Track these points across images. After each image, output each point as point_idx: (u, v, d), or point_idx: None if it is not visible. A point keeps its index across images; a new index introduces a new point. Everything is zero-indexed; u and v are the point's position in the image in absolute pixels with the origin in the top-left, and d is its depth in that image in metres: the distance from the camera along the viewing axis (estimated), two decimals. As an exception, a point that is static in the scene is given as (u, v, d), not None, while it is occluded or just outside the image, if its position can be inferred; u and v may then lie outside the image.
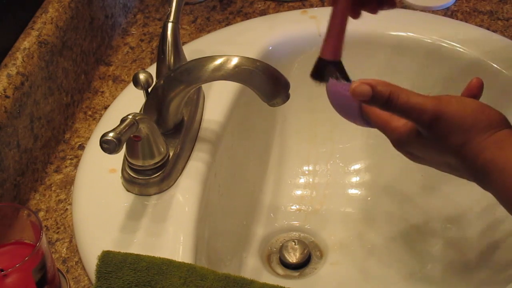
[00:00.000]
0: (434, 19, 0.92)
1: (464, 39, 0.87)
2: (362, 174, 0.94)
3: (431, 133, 0.55)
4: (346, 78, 0.67)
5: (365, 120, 0.63)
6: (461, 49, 0.87)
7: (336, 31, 0.68)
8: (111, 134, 0.59)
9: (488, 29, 0.90)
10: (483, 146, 0.53)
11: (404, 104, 0.54)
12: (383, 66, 0.91)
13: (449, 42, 0.87)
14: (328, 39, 0.68)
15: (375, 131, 0.94)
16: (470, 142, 0.54)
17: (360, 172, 0.95)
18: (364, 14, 0.96)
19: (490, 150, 0.53)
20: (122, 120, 0.62)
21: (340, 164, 0.95)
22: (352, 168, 0.95)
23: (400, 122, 0.59)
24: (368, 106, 0.59)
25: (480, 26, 0.91)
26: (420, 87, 0.91)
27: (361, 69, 0.92)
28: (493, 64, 0.84)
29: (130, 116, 0.63)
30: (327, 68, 0.67)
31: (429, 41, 0.88)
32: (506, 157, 0.53)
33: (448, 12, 0.94)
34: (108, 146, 0.60)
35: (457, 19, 0.93)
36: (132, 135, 0.64)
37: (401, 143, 0.59)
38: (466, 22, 0.92)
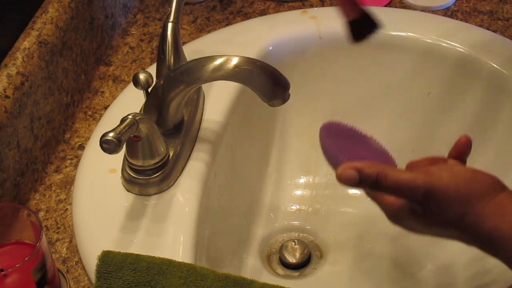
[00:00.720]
0: (434, 19, 0.92)
1: (464, 39, 0.87)
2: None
3: (426, 209, 0.54)
4: (375, 26, 0.68)
5: None
6: (461, 49, 0.87)
7: None
8: (111, 134, 0.59)
9: (488, 29, 0.90)
10: (483, 215, 0.52)
11: (394, 184, 0.52)
12: (383, 66, 0.91)
13: (449, 42, 0.87)
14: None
15: (375, 131, 0.95)
16: (468, 213, 0.52)
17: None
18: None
19: (491, 218, 0.52)
20: (122, 120, 0.62)
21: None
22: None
23: (392, 197, 0.56)
24: None
25: (480, 26, 0.91)
26: (420, 87, 0.91)
27: (361, 70, 0.92)
28: (493, 64, 0.84)
29: (130, 116, 0.63)
30: (360, 25, 0.67)
31: (429, 41, 0.88)
32: (510, 223, 0.51)
33: (448, 12, 0.94)
34: (108, 146, 0.60)
35: (457, 19, 0.93)
36: (132, 135, 0.64)
37: (396, 218, 0.57)
38: (466, 22, 0.92)
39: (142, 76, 0.69)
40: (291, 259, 0.85)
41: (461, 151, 0.58)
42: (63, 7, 0.78)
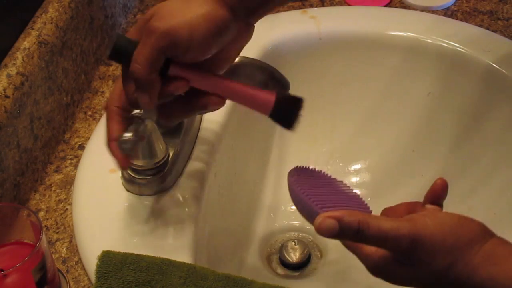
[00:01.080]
0: (434, 19, 0.92)
1: (464, 39, 0.87)
2: (362, 174, 0.94)
3: (411, 260, 0.51)
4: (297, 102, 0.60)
5: None
6: (461, 49, 0.87)
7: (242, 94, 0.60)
8: (128, 134, 0.60)
9: (488, 29, 0.90)
10: (474, 265, 0.50)
11: (377, 233, 0.49)
12: (383, 67, 0.91)
13: (449, 42, 0.87)
14: (252, 99, 0.59)
15: (375, 131, 0.95)
16: (457, 263, 0.50)
17: (360, 172, 0.95)
18: (365, 15, 0.96)
19: (484, 268, 0.50)
20: (129, 120, 0.62)
21: (340, 164, 0.95)
22: (352, 168, 0.95)
23: (372, 248, 0.53)
24: None
25: (480, 26, 0.91)
26: (420, 87, 0.91)
27: (361, 70, 0.92)
28: (493, 64, 0.84)
29: (136, 115, 0.63)
30: (283, 110, 0.60)
31: (429, 41, 0.88)
32: (503, 272, 0.49)
33: (448, 12, 0.94)
34: (128, 146, 0.60)
35: (457, 19, 0.93)
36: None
37: (378, 270, 0.53)
38: (466, 22, 0.92)
39: (142, 76, 0.69)
40: (291, 259, 0.85)
41: (438, 195, 0.56)
42: (63, 7, 0.78)
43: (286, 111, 0.59)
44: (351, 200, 0.59)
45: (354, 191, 0.60)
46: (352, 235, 0.50)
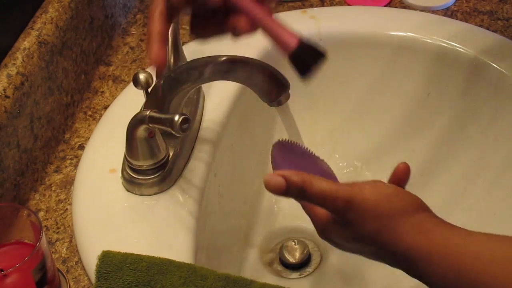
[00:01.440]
0: (434, 19, 0.92)
1: (464, 39, 0.87)
2: (362, 174, 0.94)
3: (345, 220, 0.53)
4: (319, 54, 0.61)
5: None
6: (461, 49, 0.87)
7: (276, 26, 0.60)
8: (182, 115, 0.61)
9: (488, 29, 0.90)
10: (402, 232, 0.52)
11: (317, 193, 0.53)
12: (383, 67, 0.91)
13: (449, 42, 0.87)
14: (278, 34, 0.60)
15: (375, 131, 0.95)
16: (386, 228, 0.52)
17: (360, 171, 0.95)
18: (365, 15, 0.96)
19: (410, 235, 0.51)
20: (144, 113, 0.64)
21: (340, 164, 0.95)
22: (352, 168, 0.95)
23: (322, 210, 0.56)
24: None
25: (480, 26, 0.91)
26: (420, 87, 0.91)
27: (360, 70, 0.93)
28: (493, 64, 0.84)
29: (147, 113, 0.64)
30: (302, 56, 0.61)
31: (429, 41, 0.88)
32: (429, 241, 0.51)
33: (448, 12, 0.94)
34: (189, 125, 0.61)
35: (457, 19, 0.93)
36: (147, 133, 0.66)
37: (323, 232, 0.57)
38: (466, 22, 0.92)
39: (142, 76, 0.69)
40: (291, 259, 0.85)
41: (400, 178, 0.57)
42: (63, 7, 0.78)
43: (306, 59, 0.60)
44: (325, 174, 0.61)
45: (332, 169, 0.63)
46: (296, 193, 0.53)
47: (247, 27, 0.60)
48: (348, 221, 0.53)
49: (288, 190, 0.52)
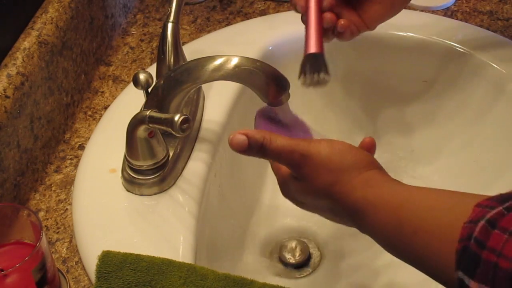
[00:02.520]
0: (434, 19, 0.92)
1: (464, 39, 0.87)
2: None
3: (301, 173, 0.56)
4: (326, 70, 0.67)
5: None
6: (460, 49, 0.87)
7: (315, 27, 0.67)
8: (182, 115, 0.61)
9: (488, 29, 0.90)
10: (352, 186, 0.54)
11: (276, 148, 0.56)
12: (383, 66, 0.91)
13: (449, 42, 0.87)
14: (309, 36, 0.67)
15: (375, 131, 0.95)
16: (338, 182, 0.54)
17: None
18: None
19: (359, 189, 0.53)
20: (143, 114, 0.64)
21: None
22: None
23: (284, 168, 0.59)
24: None
25: (480, 26, 0.91)
26: (420, 87, 0.91)
27: (360, 70, 0.93)
28: (493, 64, 0.84)
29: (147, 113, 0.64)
30: (316, 60, 0.67)
31: (429, 41, 0.88)
32: (376, 194, 0.53)
33: (448, 12, 0.94)
34: (189, 125, 0.62)
35: (457, 19, 0.93)
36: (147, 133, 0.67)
37: (285, 189, 0.60)
38: (466, 22, 0.92)
39: (142, 76, 0.69)
40: (291, 259, 0.85)
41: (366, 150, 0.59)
42: (63, 7, 0.78)
43: (312, 68, 0.66)
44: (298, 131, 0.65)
45: (311, 131, 0.66)
46: (257, 149, 0.56)
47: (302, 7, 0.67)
48: (304, 175, 0.56)
49: (250, 147, 0.56)
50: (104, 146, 0.75)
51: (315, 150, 0.55)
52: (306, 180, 0.56)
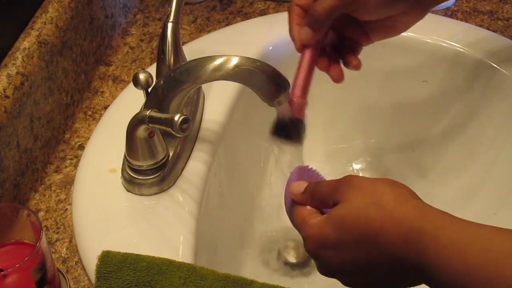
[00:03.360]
0: (434, 19, 0.92)
1: (464, 39, 0.87)
2: (362, 174, 0.94)
3: (341, 192, 0.53)
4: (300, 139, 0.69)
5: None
6: (461, 49, 0.87)
7: (304, 76, 0.69)
8: (182, 115, 0.61)
9: (488, 29, 0.90)
10: (400, 217, 0.48)
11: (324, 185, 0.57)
12: (383, 66, 0.91)
13: (449, 42, 0.87)
14: (297, 82, 0.68)
15: (375, 131, 0.95)
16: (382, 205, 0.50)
17: (360, 171, 0.95)
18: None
19: (410, 219, 0.48)
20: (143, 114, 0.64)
21: (340, 163, 0.95)
22: (352, 167, 0.95)
23: (316, 219, 0.54)
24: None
25: (480, 26, 0.91)
26: (420, 87, 0.91)
27: (360, 69, 0.92)
28: (493, 64, 0.84)
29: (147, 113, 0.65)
30: (295, 125, 0.68)
31: (429, 41, 0.88)
32: (434, 226, 0.46)
33: (448, 12, 0.94)
34: (188, 125, 0.62)
35: (457, 19, 0.93)
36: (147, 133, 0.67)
37: (317, 242, 0.53)
38: (466, 22, 0.92)
39: (142, 76, 0.69)
40: (291, 259, 0.85)
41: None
42: (63, 7, 0.78)
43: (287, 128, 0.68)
44: None
45: None
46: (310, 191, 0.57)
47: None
48: (345, 194, 0.52)
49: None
50: (104, 146, 0.75)
51: (356, 179, 0.53)
52: (345, 201, 0.52)
